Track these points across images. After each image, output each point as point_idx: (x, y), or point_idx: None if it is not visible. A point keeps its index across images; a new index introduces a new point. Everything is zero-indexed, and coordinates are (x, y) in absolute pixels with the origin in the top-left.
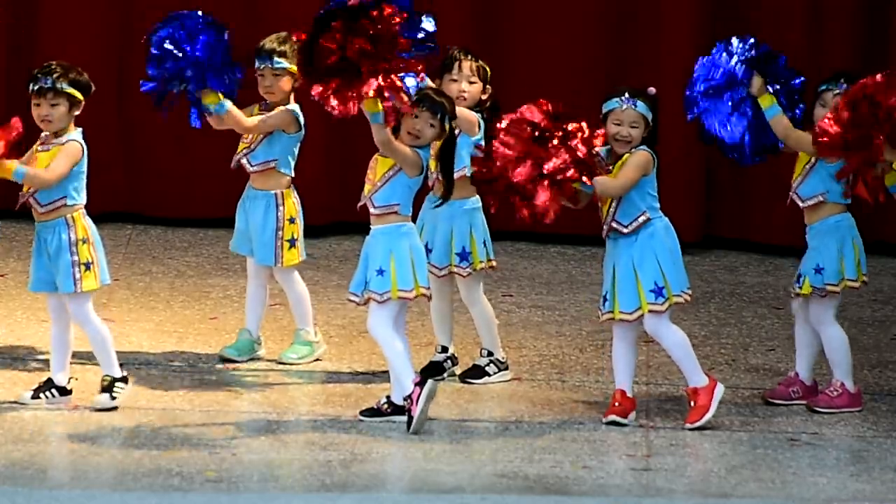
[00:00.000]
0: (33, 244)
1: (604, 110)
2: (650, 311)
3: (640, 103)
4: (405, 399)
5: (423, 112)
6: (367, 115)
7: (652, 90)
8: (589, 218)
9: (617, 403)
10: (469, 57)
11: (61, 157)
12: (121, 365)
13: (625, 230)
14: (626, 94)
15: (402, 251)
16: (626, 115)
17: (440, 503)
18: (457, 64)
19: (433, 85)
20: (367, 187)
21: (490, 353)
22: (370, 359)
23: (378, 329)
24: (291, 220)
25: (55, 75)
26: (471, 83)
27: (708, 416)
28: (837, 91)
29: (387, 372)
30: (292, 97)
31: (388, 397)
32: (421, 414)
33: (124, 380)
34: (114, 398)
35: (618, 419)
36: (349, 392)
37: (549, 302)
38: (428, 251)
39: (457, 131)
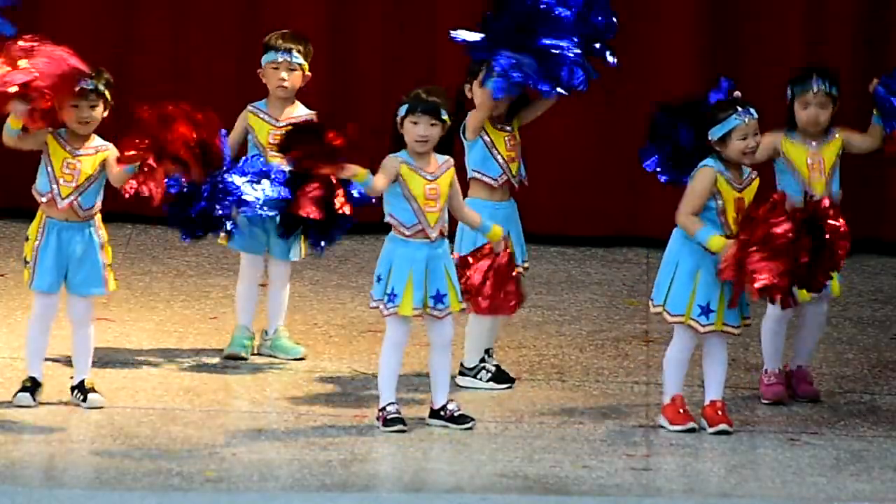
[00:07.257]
0: (48, 245)
1: (722, 130)
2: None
3: (752, 110)
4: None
5: (422, 116)
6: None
7: (738, 94)
8: (590, 218)
9: (719, 413)
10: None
11: None
12: (122, 365)
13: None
14: (740, 108)
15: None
16: (750, 128)
17: (440, 503)
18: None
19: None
20: (433, 216)
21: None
22: (370, 359)
23: None
24: None
25: (93, 77)
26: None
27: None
28: (817, 89)
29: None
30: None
31: (449, 403)
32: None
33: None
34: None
35: (727, 428)
36: (349, 392)
37: (548, 302)
38: None
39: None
